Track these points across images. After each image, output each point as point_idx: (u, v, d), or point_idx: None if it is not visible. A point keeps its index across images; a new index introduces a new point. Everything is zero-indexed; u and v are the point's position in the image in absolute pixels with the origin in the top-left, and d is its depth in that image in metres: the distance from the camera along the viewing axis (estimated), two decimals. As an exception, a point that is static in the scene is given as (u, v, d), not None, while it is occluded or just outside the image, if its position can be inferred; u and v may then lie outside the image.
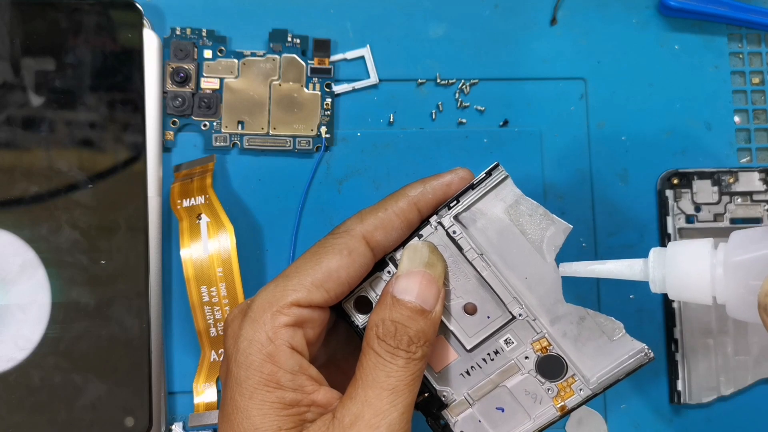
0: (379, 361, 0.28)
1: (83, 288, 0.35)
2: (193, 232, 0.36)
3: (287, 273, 0.29)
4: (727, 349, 0.39)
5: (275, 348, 0.27)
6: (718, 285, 0.27)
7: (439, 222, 0.30)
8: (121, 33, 0.37)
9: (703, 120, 0.41)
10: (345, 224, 0.30)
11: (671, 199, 0.39)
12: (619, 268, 0.29)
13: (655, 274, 0.28)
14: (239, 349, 0.27)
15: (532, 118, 0.40)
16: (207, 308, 0.36)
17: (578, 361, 0.30)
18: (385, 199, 0.30)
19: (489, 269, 0.30)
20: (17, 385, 0.35)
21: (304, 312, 0.28)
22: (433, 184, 0.30)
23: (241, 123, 0.39)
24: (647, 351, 0.29)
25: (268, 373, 0.27)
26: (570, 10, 0.41)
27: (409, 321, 0.28)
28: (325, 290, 0.28)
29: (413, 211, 0.30)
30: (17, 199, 0.36)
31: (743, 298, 0.26)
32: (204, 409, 0.37)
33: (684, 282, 0.28)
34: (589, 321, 0.30)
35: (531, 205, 0.29)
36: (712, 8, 0.40)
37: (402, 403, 0.28)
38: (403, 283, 0.29)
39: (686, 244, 0.28)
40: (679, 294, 0.28)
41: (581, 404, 0.30)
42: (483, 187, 0.30)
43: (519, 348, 0.31)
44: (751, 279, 0.26)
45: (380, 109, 0.40)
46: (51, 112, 0.36)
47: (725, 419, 0.39)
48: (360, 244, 0.29)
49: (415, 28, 0.40)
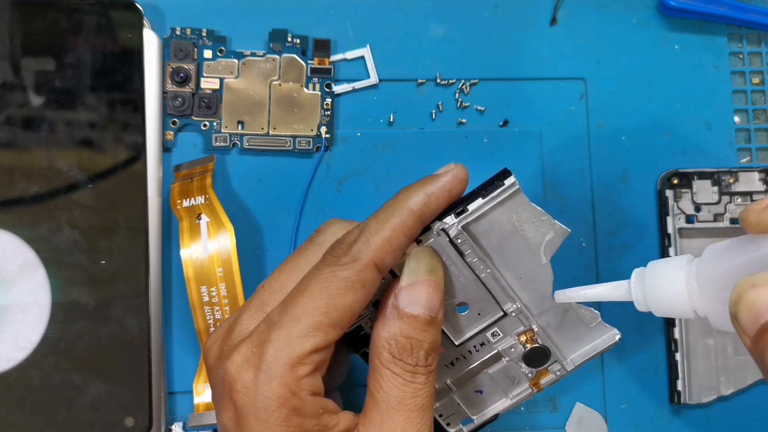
0: (399, 382, 0.27)
1: (83, 288, 0.35)
2: (193, 232, 0.36)
3: (296, 315, 0.26)
4: (727, 349, 0.39)
5: (300, 401, 0.26)
6: (695, 299, 0.27)
7: (443, 230, 0.29)
8: (121, 33, 0.37)
9: (703, 120, 0.41)
10: (350, 248, 0.27)
11: (671, 199, 0.39)
12: (606, 290, 0.30)
13: (637, 293, 0.29)
14: (260, 407, 0.26)
15: (532, 118, 0.40)
16: (207, 308, 0.36)
17: (558, 346, 0.31)
18: (386, 212, 0.28)
19: (487, 271, 0.30)
20: (17, 385, 0.35)
21: (322, 355, 0.27)
22: (435, 193, 0.28)
23: (241, 123, 0.39)
24: (617, 335, 0.31)
25: (295, 426, 0.26)
26: (570, 10, 0.41)
27: (422, 334, 0.27)
28: (340, 327, 0.27)
29: (418, 225, 0.28)
30: (17, 199, 0.36)
31: (719, 311, 0.26)
32: (204, 409, 0.37)
33: (664, 299, 0.28)
34: (571, 313, 0.31)
35: (535, 211, 0.29)
36: (712, 8, 0.40)
37: (429, 419, 0.27)
38: (409, 295, 0.28)
39: (664, 262, 0.29)
40: (662, 311, 0.28)
41: (555, 382, 0.32)
42: (495, 197, 0.29)
43: (505, 339, 0.31)
44: (723, 291, 0.26)
45: (380, 109, 0.40)
46: (51, 112, 0.36)
47: (725, 419, 0.39)
48: (372, 273, 0.27)
49: (415, 28, 0.40)
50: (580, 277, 0.39)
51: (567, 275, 0.39)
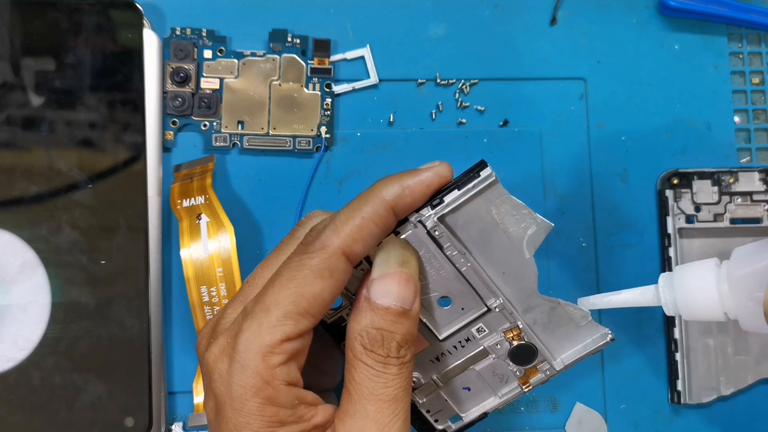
0: (371, 373, 0.27)
1: (83, 288, 0.35)
2: (193, 232, 0.36)
3: (266, 305, 0.27)
4: (727, 349, 0.39)
5: (273, 391, 0.26)
6: (727, 301, 0.28)
7: (420, 221, 0.29)
8: (121, 33, 0.37)
9: (703, 120, 0.41)
10: (319, 236, 0.27)
11: (671, 199, 0.39)
12: (634, 296, 0.30)
13: (666, 298, 0.29)
14: (234, 396, 0.26)
15: (532, 118, 0.40)
16: (207, 308, 0.36)
17: (547, 345, 0.31)
18: (359, 201, 0.28)
19: (467, 265, 0.29)
20: (17, 385, 0.35)
21: (295, 344, 0.27)
22: (411, 186, 0.28)
23: (241, 123, 0.39)
24: (609, 334, 0.31)
25: (269, 415, 0.26)
26: (570, 10, 0.41)
27: (394, 326, 0.27)
28: (311, 315, 0.27)
29: (390, 216, 0.28)
30: (17, 199, 0.36)
31: (752, 311, 0.27)
32: (204, 409, 0.37)
33: (694, 302, 0.28)
34: (559, 310, 0.30)
35: (515, 204, 0.29)
36: (712, 8, 0.40)
37: (403, 410, 0.27)
38: (380, 286, 0.28)
39: (692, 265, 0.29)
40: (692, 314, 0.29)
41: (544, 382, 0.31)
42: (470, 188, 0.28)
43: (490, 336, 0.31)
44: (755, 291, 0.26)
45: (380, 109, 0.40)
46: (51, 112, 0.36)
47: (725, 419, 0.39)
48: (340, 261, 0.27)
49: (415, 28, 0.40)
50: (580, 277, 0.39)
51: (567, 275, 0.39)
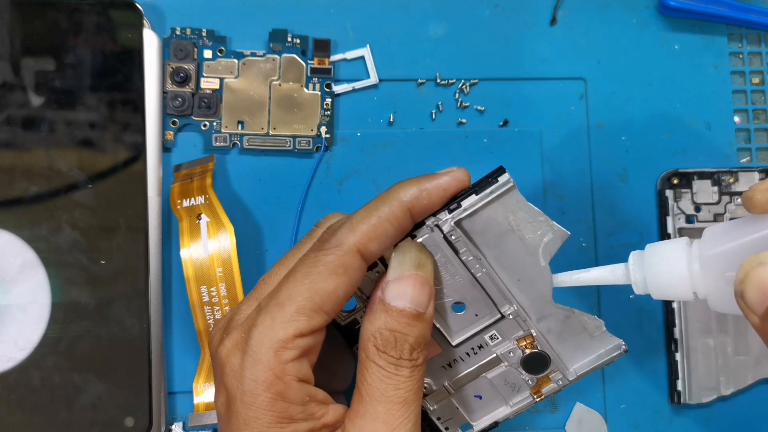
0: (383, 374, 0.27)
1: (83, 288, 0.35)
2: (193, 232, 0.36)
3: (280, 300, 0.27)
4: (727, 349, 0.39)
5: (285, 386, 0.26)
6: (697, 280, 0.27)
7: (436, 225, 0.29)
8: (121, 33, 0.37)
9: (703, 120, 0.41)
10: (335, 233, 0.28)
11: (671, 199, 0.39)
12: (602, 274, 0.30)
13: (636, 276, 0.29)
14: (246, 390, 0.26)
15: (532, 118, 0.40)
16: (207, 308, 0.36)
17: (560, 354, 0.31)
18: (377, 201, 0.28)
19: (483, 271, 0.30)
20: (17, 385, 0.35)
21: (307, 340, 0.27)
22: (429, 188, 0.28)
23: (241, 123, 0.39)
24: (623, 345, 0.30)
25: (279, 411, 0.26)
26: (570, 10, 0.41)
27: (408, 328, 0.27)
28: (325, 312, 0.27)
29: (407, 217, 0.28)
30: (17, 199, 0.36)
31: (722, 290, 0.26)
32: (204, 409, 0.37)
33: (664, 281, 0.28)
34: (573, 319, 0.30)
35: (532, 211, 0.29)
36: (712, 8, 0.40)
37: (413, 413, 0.27)
38: (395, 288, 0.28)
39: (663, 244, 0.29)
40: (661, 293, 0.28)
41: (557, 392, 0.31)
42: (488, 194, 0.28)
43: (503, 343, 0.31)
44: (726, 270, 0.26)
45: (380, 109, 0.40)
46: (51, 112, 0.36)
47: (725, 419, 0.39)
48: (355, 259, 0.27)
49: (415, 28, 0.40)
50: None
51: (567, 275, 0.39)
